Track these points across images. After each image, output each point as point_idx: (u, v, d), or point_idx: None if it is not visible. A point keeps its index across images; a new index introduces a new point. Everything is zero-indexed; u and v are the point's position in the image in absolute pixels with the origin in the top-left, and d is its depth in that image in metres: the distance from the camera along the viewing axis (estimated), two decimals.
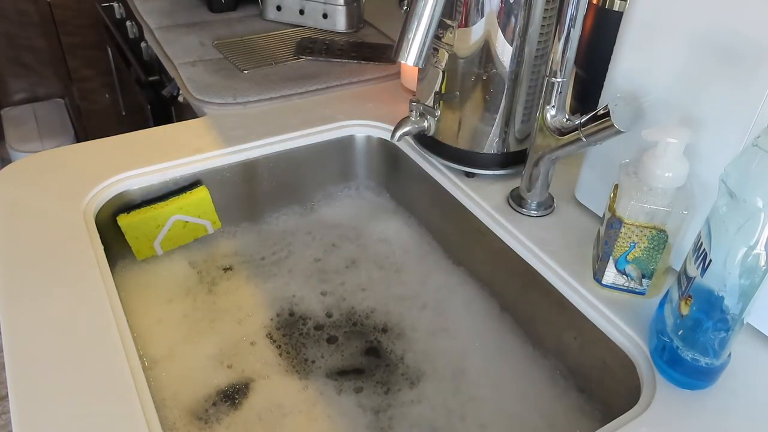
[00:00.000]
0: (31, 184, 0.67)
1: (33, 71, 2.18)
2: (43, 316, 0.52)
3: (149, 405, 0.46)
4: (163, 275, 0.71)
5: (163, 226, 0.71)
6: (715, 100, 0.50)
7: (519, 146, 0.70)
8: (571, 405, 0.58)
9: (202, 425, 0.56)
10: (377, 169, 0.86)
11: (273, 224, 0.80)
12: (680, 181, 0.50)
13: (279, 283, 0.71)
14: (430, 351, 0.64)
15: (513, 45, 0.63)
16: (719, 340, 0.45)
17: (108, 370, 0.48)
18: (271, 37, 1.07)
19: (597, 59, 0.65)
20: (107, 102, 2.09)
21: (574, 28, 0.56)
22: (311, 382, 0.60)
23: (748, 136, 0.48)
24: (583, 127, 0.56)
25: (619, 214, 0.53)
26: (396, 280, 0.72)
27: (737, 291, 0.43)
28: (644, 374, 0.50)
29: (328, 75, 0.93)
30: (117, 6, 1.48)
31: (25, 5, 2.04)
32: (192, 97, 0.86)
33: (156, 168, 0.71)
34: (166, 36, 1.06)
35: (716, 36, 0.49)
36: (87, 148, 0.73)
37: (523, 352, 0.64)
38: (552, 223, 0.66)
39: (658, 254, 0.53)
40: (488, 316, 0.67)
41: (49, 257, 0.57)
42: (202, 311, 0.67)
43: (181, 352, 0.62)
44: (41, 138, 2.07)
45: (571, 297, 0.58)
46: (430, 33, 0.54)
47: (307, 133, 0.80)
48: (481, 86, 0.66)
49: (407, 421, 0.57)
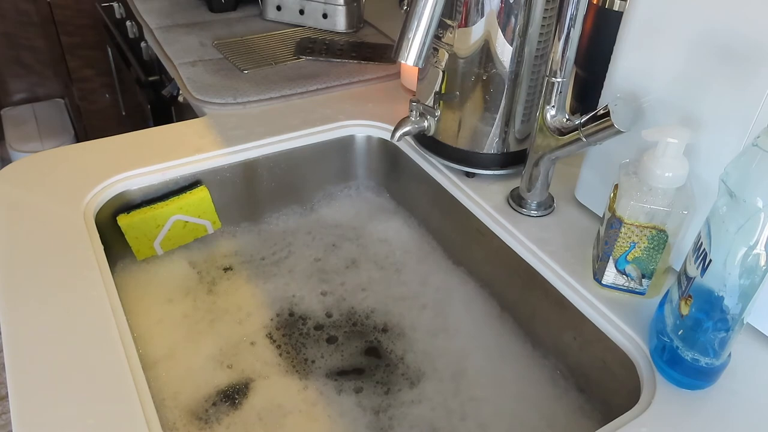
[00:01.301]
0: (31, 184, 0.67)
1: (33, 71, 2.18)
2: (43, 316, 0.52)
3: (149, 405, 0.46)
4: (163, 275, 0.71)
5: (163, 226, 0.71)
6: (715, 100, 0.50)
7: (519, 146, 0.70)
8: (571, 405, 0.58)
9: (202, 425, 0.56)
10: (377, 169, 0.86)
11: (273, 224, 0.80)
12: (680, 181, 0.50)
13: (279, 283, 0.71)
14: (430, 351, 0.64)
15: (513, 45, 0.63)
16: (719, 340, 0.45)
17: (108, 370, 0.48)
18: (271, 37, 1.07)
19: (597, 59, 0.65)
20: (107, 102, 2.09)
21: (574, 27, 0.56)
22: (311, 382, 0.60)
23: (748, 136, 0.48)
24: (583, 127, 0.56)
25: (619, 214, 0.53)
26: (396, 280, 0.72)
27: (737, 291, 0.43)
28: (644, 374, 0.50)
29: (328, 75, 0.93)
30: (117, 6, 1.48)
31: (25, 5, 2.04)
32: (192, 97, 0.86)
33: (156, 168, 0.71)
34: (166, 36, 1.06)
35: (716, 36, 0.49)
36: (87, 148, 0.73)
37: (523, 352, 0.64)
38: (552, 223, 0.66)
39: (658, 254, 0.53)
40: (488, 316, 0.67)
41: (49, 257, 0.57)
42: (202, 311, 0.67)
43: (181, 352, 0.62)
44: (41, 138, 2.07)
45: (571, 297, 0.58)
46: (430, 33, 0.54)
47: (307, 133, 0.80)
48: (481, 86, 0.66)
49: (407, 421, 0.57)
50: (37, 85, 2.22)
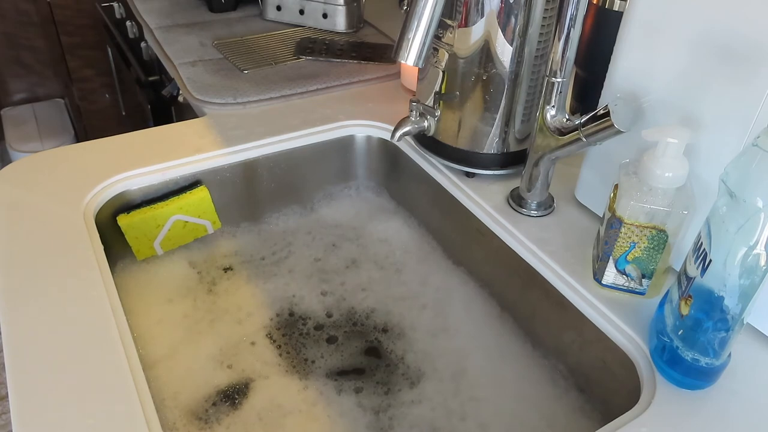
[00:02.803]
0: (31, 184, 0.67)
1: (33, 71, 2.18)
2: (44, 316, 0.52)
3: (149, 405, 0.46)
4: (163, 275, 0.71)
5: (163, 226, 0.71)
6: (715, 100, 0.50)
7: (519, 146, 0.70)
8: (571, 405, 0.58)
9: (202, 425, 0.56)
10: (377, 169, 0.86)
11: (273, 224, 0.80)
12: (680, 181, 0.50)
13: (279, 283, 0.71)
14: (430, 351, 0.64)
15: (513, 45, 0.63)
16: (719, 340, 0.45)
17: (108, 370, 0.48)
18: (271, 37, 1.07)
19: (597, 59, 0.65)
20: (107, 102, 2.09)
21: (574, 28, 0.56)
22: (311, 382, 0.60)
23: (748, 136, 0.48)
24: (583, 127, 0.56)
25: (619, 214, 0.53)
26: (396, 280, 0.72)
27: (737, 291, 0.43)
28: (644, 374, 0.50)
29: (328, 75, 0.93)
30: (117, 6, 1.48)
31: (25, 5, 2.04)
32: (192, 97, 0.86)
33: (156, 168, 0.71)
34: (166, 36, 1.06)
35: (716, 36, 0.49)
36: (87, 148, 0.73)
37: (523, 352, 0.64)
38: (552, 223, 0.66)
39: (658, 254, 0.53)
40: (488, 316, 0.67)
41: (49, 257, 0.57)
42: (202, 311, 0.67)
43: (181, 352, 0.62)
44: (41, 138, 2.07)
45: (571, 297, 0.58)
46: (430, 33, 0.54)
47: (307, 133, 0.80)
48: (481, 86, 0.66)
49: (407, 421, 0.57)
50: (37, 85, 2.22)
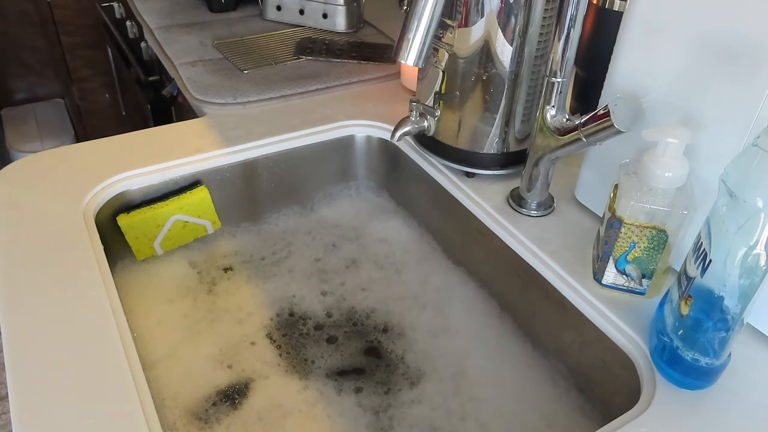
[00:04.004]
0: (31, 184, 0.67)
1: (33, 71, 2.18)
2: (44, 316, 0.52)
3: (149, 405, 0.46)
4: (163, 275, 0.71)
5: (163, 226, 0.71)
6: (715, 100, 0.50)
7: (519, 146, 0.70)
8: (571, 405, 0.58)
9: (202, 425, 0.56)
10: (377, 169, 0.86)
11: (273, 224, 0.80)
12: (680, 181, 0.50)
13: (279, 283, 0.71)
14: (430, 351, 0.64)
15: (513, 45, 0.63)
16: (719, 340, 0.45)
17: (108, 370, 0.48)
18: (271, 37, 1.07)
19: (597, 59, 0.65)
20: (107, 102, 2.09)
21: (574, 28, 0.56)
22: (311, 382, 0.60)
23: (748, 136, 0.48)
24: (583, 127, 0.56)
25: (619, 214, 0.53)
26: (396, 280, 0.72)
27: (737, 291, 0.43)
28: (644, 374, 0.50)
29: (328, 75, 0.93)
30: (117, 6, 1.48)
31: (25, 5, 2.04)
32: (192, 97, 0.86)
33: (156, 168, 0.71)
34: (166, 36, 1.06)
35: (716, 36, 0.49)
36: (87, 148, 0.73)
37: (523, 352, 0.64)
38: (552, 223, 0.66)
39: (658, 254, 0.53)
40: (488, 316, 0.67)
41: (49, 257, 0.57)
42: (202, 311, 0.67)
43: (181, 352, 0.62)
44: (41, 138, 2.07)
45: (571, 297, 0.58)
46: (430, 33, 0.54)
47: (307, 133, 0.80)
48: (481, 86, 0.66)
49: (407, 421, 0.57)
50: (37, 85, 2.22)
